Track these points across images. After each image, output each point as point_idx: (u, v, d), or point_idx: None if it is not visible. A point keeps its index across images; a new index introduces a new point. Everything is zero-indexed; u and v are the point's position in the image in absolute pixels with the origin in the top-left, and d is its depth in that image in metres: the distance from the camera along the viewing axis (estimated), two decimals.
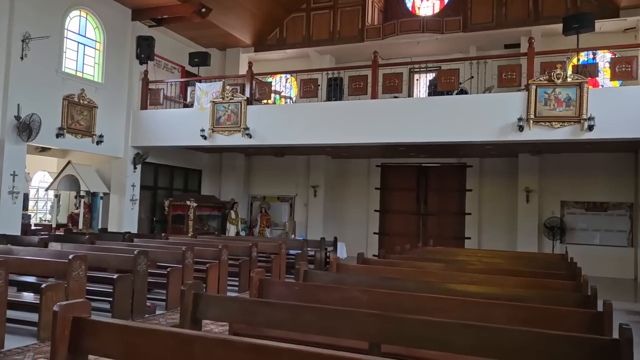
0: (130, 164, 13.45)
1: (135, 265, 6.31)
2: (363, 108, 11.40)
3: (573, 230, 13.47)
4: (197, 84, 13.16)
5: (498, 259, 8.55)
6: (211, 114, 12.52)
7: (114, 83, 13.08)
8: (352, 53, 15.70)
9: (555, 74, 9.69)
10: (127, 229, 13.15)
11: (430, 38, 14.55)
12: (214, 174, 16.80)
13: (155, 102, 13.69)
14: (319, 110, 11.76)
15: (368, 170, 16.48)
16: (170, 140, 13.26)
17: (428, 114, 10.78)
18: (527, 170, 13.90)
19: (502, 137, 10.14)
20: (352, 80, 11.67)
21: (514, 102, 10.08)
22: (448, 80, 10.77)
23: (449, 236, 15.56)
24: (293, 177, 16.76)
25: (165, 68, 15.04)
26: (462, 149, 13.82)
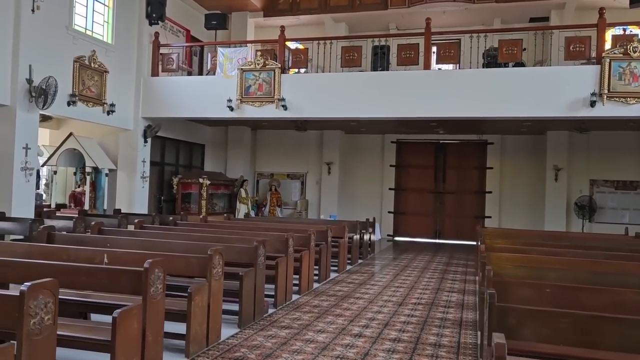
0: (140, 137, 12.02)
1: (256, 258, 5.28)
2: (414, 79, 10.57)
3: (602, 209, 13.36)
4: (219, 49, 11.84)
5: (584, 242, 8.07)
6: (239, 83, 11.30)
7: (123, 45, 11.55)
8: (369, 22, 14.77)
9: (632, 46, 9.24)
10: (138, 210, 11.83)
11: (458, 8, 13.83)
12: (217, 149, 15.52)
13: (167, 69, 12.26)
14: (365, 80, 10.81)
15: (382, 147, 15.75)
16: (187, 111, 11.93)
17: (486, 87, 10.11)
18: (556, 148, 13.62)
19: (571, 113, 9.64)
20: (401, 49, 10.78)
21: (584, 76, 9.57)
22: (510, 51, 10.12)
23: (469, 215, 15.18)
24: (304, 154, 15.76)
25: (171, 31, 13.54)
26: (483, 125, 13.33)
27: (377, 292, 7.13)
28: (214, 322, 4.43)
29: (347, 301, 6.49)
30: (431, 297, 6.93)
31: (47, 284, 2.71)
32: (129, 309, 3.34)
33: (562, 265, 4.91)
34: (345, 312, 5.86)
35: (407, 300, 6.64)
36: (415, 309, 6.15)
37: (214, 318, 4.40)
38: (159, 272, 3.61)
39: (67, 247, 4.95)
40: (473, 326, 5.43)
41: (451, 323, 5.53)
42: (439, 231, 15.44)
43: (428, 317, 5.73)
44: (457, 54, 10.45)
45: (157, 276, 3.59)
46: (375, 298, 6.73)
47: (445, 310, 6.18)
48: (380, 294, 7.01)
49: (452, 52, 10.43)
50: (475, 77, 10.34)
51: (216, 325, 4.49)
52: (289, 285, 6.30)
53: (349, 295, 6.85)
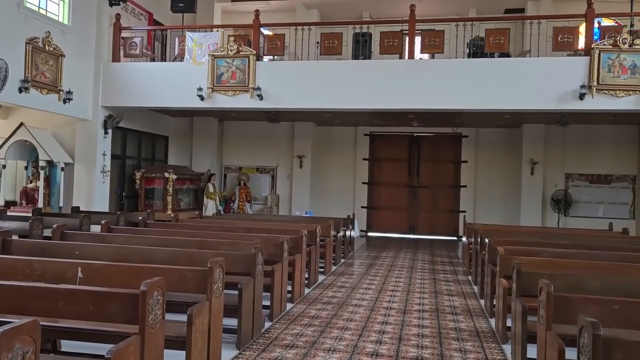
0: (100, 128, 11.04)
1: (254, 266, 4.62)
2: (397, 69, 10.07)
3: (577, 203, 13.31)
4: (188, 33, 10.96)
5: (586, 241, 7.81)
6: (210, 70, 10.49)
7: (81, 27, 10.51)
8: (342, 9, 14.21)
9: (622, 38, 9.02)
10: (98, 208, 10.88)
11: None
12: (182, 141, 14.59)
13: (130, 54, 11.29)
14: (346, 69, 10.23)
15: (355, 140, 15.24)
16: (153, 101, 11.02)
17: (471, 78, 9.72)
18: (532, 141, 13.46)
19: (560, 105, 9.37)
20: (383, 36, 10.24)
21: (573, 68, 9.31)
22: (497, 41, 9.75)
23: (443, 209, 14.91)
24: (274, 146, 15.06)
25: (132, 14, 12.50)
26: (458, 118, 13.03)
27: (375, 298, 6.60)
28: (215, 347, 3.77)
29: (346, 310, 5.92)
30: (433, 303, 6.45)
31: (26, 327, 1.99)
32: (124, 347, 2.64)
33: (596, 270, 4.51)
34: (350, 324, 5.29)
35: (409, 307, 6.13)
36: (422, 318, 5.65)
37: (214, 342, 3.74)
38: (158, 296, 2.92)
39: (31, 259, 4.15)
40: (492, 337, 4.97)
41: (468, 334, 5.05)
42: (413, 226, 15.09)
43: (441, 328, 5.24)
44: (442, 43, 9.99)
45: (156, 300, 2.90)
46: (375, 305, 6.20)
47: (454, 318, 5.70)
48: (379, 300, 6.48)
49: (437, 41, 9.97)
50: (460, 67, 9.93)
51: (217, 350, 3.83)
52: (283, 293, 5.67)
53: (346, 303, 6.28)
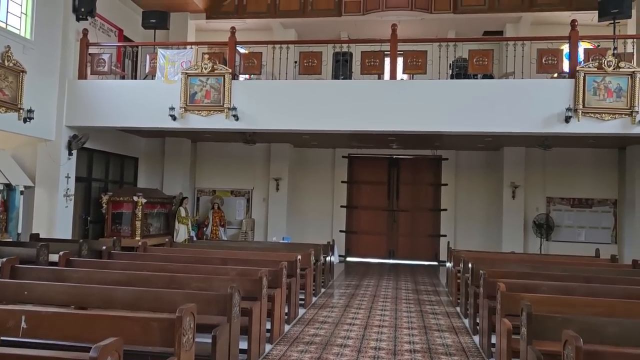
0: (64, 149, 10.36)
1: (230, 308, 4.08)
2: (377, 89, 9.73)
3: (559, 227, 13.10)
4: (159, 50, 10.45)
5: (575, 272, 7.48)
6: (183, 89, 9.97)
7: (45, 42, 9.90)
8: (320, 29, 13.89)
9: (606, 60, 8.87)
10: (60, 234, 10.17)
11: (415, 18, 13.26)
12: (153, 163, 13.92)
13: (97, 71, 10.71)
14: (326, 89, 9.83)
15: (333, 162, 14.83)
16: (121, 120, 10.42)
17: (454, 100, 9.44)
18: (512, 164, 13.25)
19: (546, 128, 9.13)
20: (365, 56, 9.91)
21: (558, 91, 9.11)
22: (481, 62, 9.51)
23: (423, 233, 14.55)
24: (250, 168, 14.53)
25: (101, 29, 11.94)
26: (438, 140, 12.75)
27: (361, 336, 6.08)
28: None
29: (331, 351, 5.39)
30: (424, 341, 5.97)
31: None
32: None
33: (604, 308, 4.12)
34: None
35: (400, 347, 5.64)
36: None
37: None
38: None
39: None
40: None
41: None
42: (392, 251, 14.66)
43: None
44: (425, 63, 9.71)
45: None
46: (362, 345, 5.68)
47: (449, 359, 5.23)
48: (365, 339, 5.97)
49: (420, 62, 9.69)
50: (442, 88, 9.65)
51: None
52: (262, 334, 5.11)
53: (330, 342, 5.75)
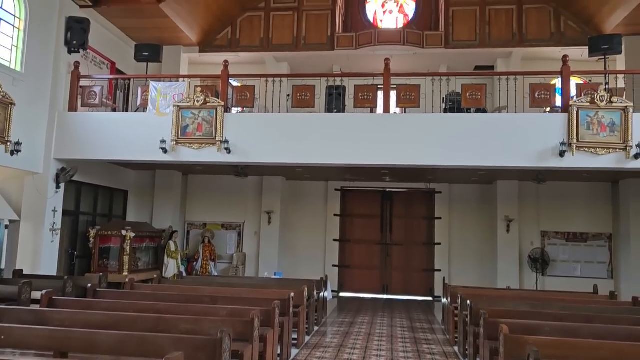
0: (52, 182, 10.16)
1: (220, 354, 3.84)
2: (370, 123, 9.69)
3: (555, 262, 12.94)
4: (152, 83, 10.38)
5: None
6: (175, 122, 9.88)
7: (36, 75, 9.81)
8: (313, 63, 13.96)
9: (599, 95, 8.90)
10: (45, 270, 9.87)
11: (407, 52, 13.37)
12: (143, 196, 13.70)
13: (88, 104, 10.60)
14: (319, 123, 9.78)
15: (326, 195, 14.69)
16: (111, 153, 10.26)
17: (449, 134, 9.41)
18: (506, 198, 13.17)
19: (540, 163, 9.08)
20: (358, 90, 9.90)
21: (552, 125, 9.11)
22: (474, 96, 9.52)
23: (417, 268, 14.33)
24: (242, 201, 14.34)
25: (93, 62, 11.90)
26: (431, 174, 12.68)
27: None
28: None
29: None
30: None
31: None
32: None
33: (612, 352, 3.93)
34: None
35: None
36: None
37: None
38: None
39: None
40: None
41: None
42: (386, 286, 14.40)
43: None
44: (418, 97, 9.71)
45: None
46: None
47: None
48: None
49: (413, 95, 9.68)
50: (435, 122, 9.62)
51: None
52: None
53: None
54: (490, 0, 13.19)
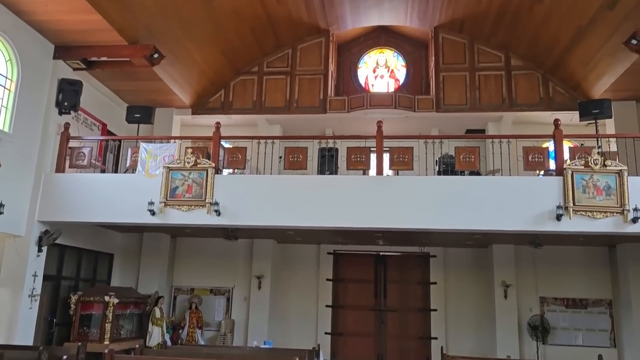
0: (34, 246, 9.80)
1: None
2: (362, 185, 9.56)
3: (555, 329, 12.49)
4: (142, 144, 10.28)
5: None
6: (164, 183, 9.70)
7: (24, 135, 9.69)
8: (305, 125, 13.99)
9: (592, 159, 8.86)
10: (21, 339, 9.35)
11: (399, 116, 13.48)
12: (129, 259, 13.26)
13: (76, 165, 10.44)
14: (311, 185, 9.62)
15: (318, 258, 14.30)
16: (97, 215, 9.98)
17: (443, 196, 9.28)
18: (502, 262, 12.86)
19: (537, 226, 8.90)
20: (350, 152, 9.83)
21: (547, 188, 9.01)
22: (467, 159, 9.46)
23: (413, 336, 13.75)
24: (231, 265, 13.92)
25: (84, 124, 11.84)
26: (425, 237, 12.43)
27: None
28: None
29: None
30: None
31: None
32: None
33: None
34: None
35: None
36: None
37: None
38: None
39: None
40: None
41: None
42: (381, 355, 13.76)
43: None
44: (411, 160, 9.64)
45: None
46: None
47: None
48: None
49: (407, 158, 9.62)
50: (429, 185, 9.51)
51: None
52: None
53: None
54: (479, 66, 13.47)
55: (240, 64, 13.75)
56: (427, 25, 13.91)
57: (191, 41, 11.68)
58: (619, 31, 10.08)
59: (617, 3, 9.69)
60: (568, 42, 11.54)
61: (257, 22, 12.66)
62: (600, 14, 10.18)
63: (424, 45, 14.83)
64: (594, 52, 11.10)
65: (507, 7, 11.91)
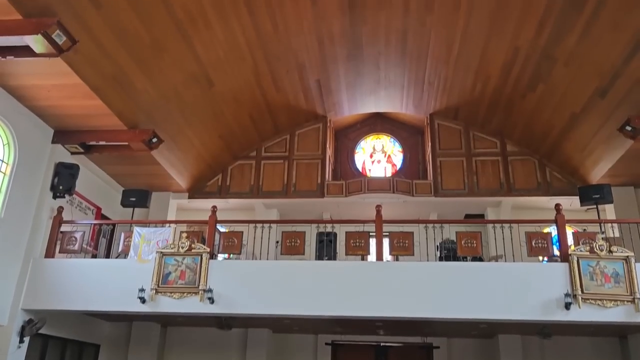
0: (15, 336, 9.26)
1: None
2: (362, 272, 9.25)
3: None
4: (135, 228, 10.05)
5: None
6: (156, 269, 9.36)
7: (16, 220, 9.46)
8: (303, 209, 13.86)
9: (598, 245, 8.64)
10: None
11: (397, 200, 13.40)
12: (116, 351, 12.52)
13: (67, 250, 10.13)
14: (309, 271, 9.31)
15: (315, 349, 13.57)
16: (85, 303, 9.53)
17: (445, 283, 8.95)
18: (509, 354, 12.16)
19: (545, 316, 8.51)
20: (349, 236, 9.60)
21: (554, 275, 8.71)
22: (470, 245, 9.23)
23: None
24: (224, 356, 13.15)
25: (78, 207, 11.66)
26: (428, 327, 11.90)
27: None
28: None
29: None
30: None
31: None
32: None
33: None
34: None
35: None
36: None
37: None
38: None
39: None
40: None
41: None
42: None
43: None
44: (412, 245, 9.39)
45: None
46: None
47: None
48: None
49: (407, 243, 9.38)
50: (431, 271, 9.20)
51: None
52: None
53: None
54: (475, 152, 13.60)
55: (239, 148, 13.85)
56: (423, 112, 14.21)
57: (190, 125, 11.80)
58: (612, 118, 10.24)
59: (608, 92, 9.91)
60: (562, 128, 11.71)
61: (256, 109, 12.90)
62: (593, 102, 10.38)
63: (420, 131, 15.07)
64: (589, 138, 11.22)
65: (500, 95, 12.21)
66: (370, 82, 13.10)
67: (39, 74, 8.54)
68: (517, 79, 11.38)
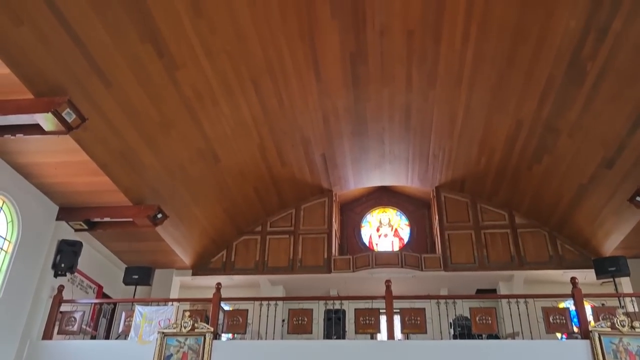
0: None
1: None
2: (373, 351, 8.80)
3: None
4: (137, 307, 9.72)
5: None
6: (157, 351, 8.94)
7: (14, 300, 9.18)
8: (309, 285, 13.48)
9: (619, 320, 8.26)
10: None
11: (406, 275, 13.04)
12: None
13: (65, 331, 9.75)
14: (317, 351, 8.87)
15: None
16: None
17: None
18: None
19: None
20: (359, 314, 9.24)
21: (575, 352, 8.27)
22: (485, 322, 8.84)
23: None
24: None
25: (80, 286, 11.38)
26: None
27: None
28: None
29: None
30: None
31: None
32: None
33: None
34: None
35: None
36: None
37: None
38: None
39: None
40: None
41: None
42: None
43: None
44: (424, 322, 9.00)
45: None
46: None
47: None
48: None
49: (419, 320, 9.00)
50: (445, 350, 8.76)
51: None
52: None
53: None
54: (483, 224, 13.39)
55: (244, 223, 13.72)
56: (428, 185, 14.17)
57: (195, 200, 11.73)
58: (621, 189, 10.12)
59: (615, 162, 9.87)
60: (571, 200, 11.58)
61: (261, 183, 12.89)
62: (600, 172, 10.32)
63: (427, 204, 14.96)
64: (599, 209, 11.06)
65: (506, 167, 12.20)
66: (375, 156, 13.16)
67: (47, 151, 8.60)
68: (522, 151, 11.41)
